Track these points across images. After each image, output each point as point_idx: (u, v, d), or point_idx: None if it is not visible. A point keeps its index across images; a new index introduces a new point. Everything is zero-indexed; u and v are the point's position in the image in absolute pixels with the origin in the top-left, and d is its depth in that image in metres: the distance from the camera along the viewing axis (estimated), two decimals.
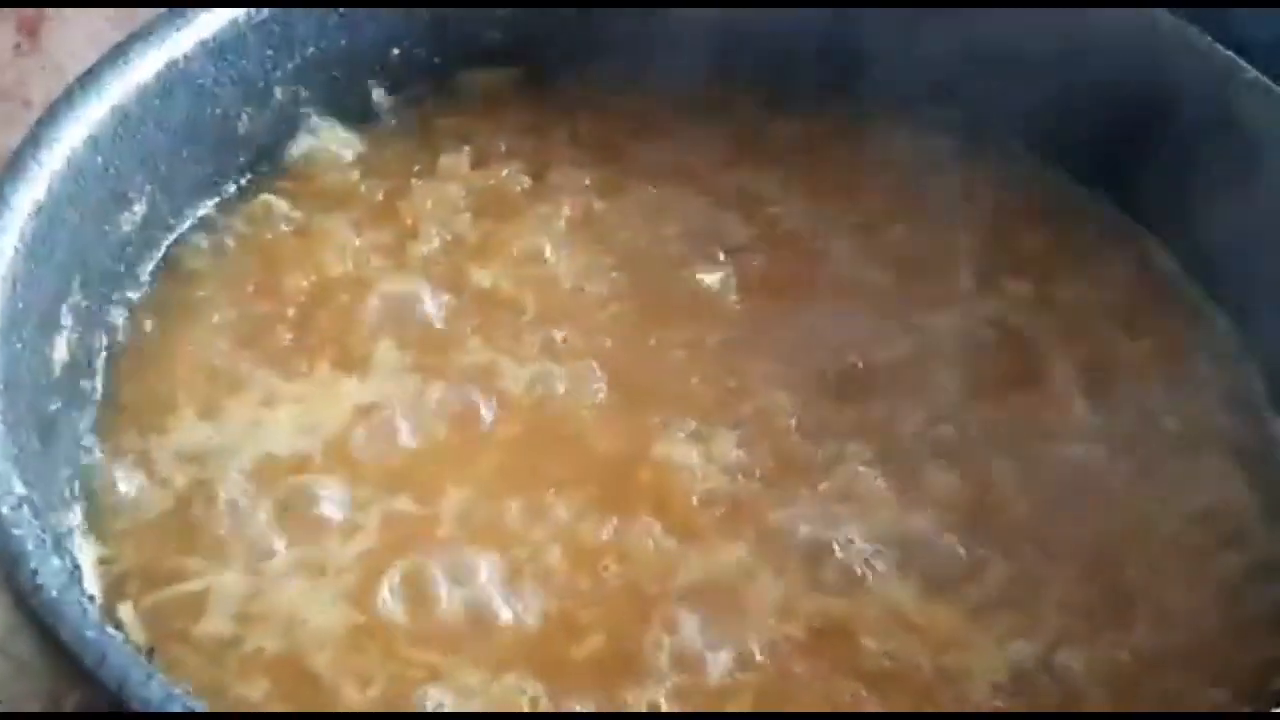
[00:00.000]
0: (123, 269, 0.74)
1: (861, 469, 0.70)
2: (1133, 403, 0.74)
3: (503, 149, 0.84)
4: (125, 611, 0.63)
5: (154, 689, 0.49)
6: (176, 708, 0.48)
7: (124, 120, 0.72)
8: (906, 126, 0.86)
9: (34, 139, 0.68)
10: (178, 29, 0.74)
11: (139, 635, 0.62)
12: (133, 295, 0.75)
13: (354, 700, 0.61)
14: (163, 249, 0.77)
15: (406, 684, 0.62)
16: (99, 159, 0.71)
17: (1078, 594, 0.67)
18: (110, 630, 0.51)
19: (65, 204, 0.68)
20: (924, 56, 0.85)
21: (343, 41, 0.82)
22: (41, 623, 0.50)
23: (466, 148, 0.84)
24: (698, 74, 0.87)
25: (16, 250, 0.64)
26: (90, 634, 0.50)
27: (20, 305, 0.64)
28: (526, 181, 0.83)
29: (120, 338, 0.73)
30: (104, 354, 0.72)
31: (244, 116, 0.80)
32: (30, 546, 0.53)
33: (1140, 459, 0.72)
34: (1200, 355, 0.77)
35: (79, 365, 0.70)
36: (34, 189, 0.66)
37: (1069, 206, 0.84)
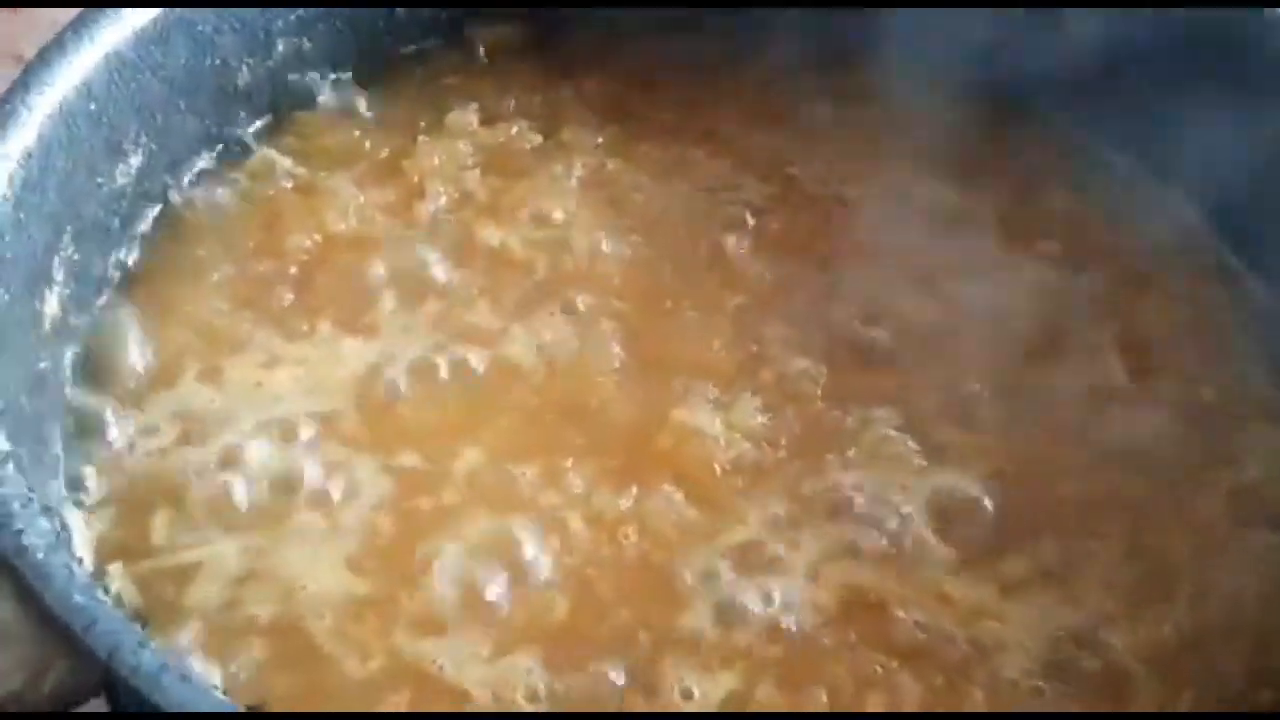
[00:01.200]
0: (118, 223, 0.71)
1: (892, 433, 0.67)
2: (1170, 372, 0.71)
3: (511, 106, 0.81)
4: (116, 576, 0.60)
5: (146, 658, 0.45)
6: (171, 679, 0.45)
7: (119, 67, 0.69)
8: (934, 89, 0.83)
9: (24, 84, 0.65)
10: None
11: (132, 601, 0.58)
12: (129, 250, 0.72)
13: (353, 670, 0.58)
14: (160, 203, 0.74)
15: (408, 656, 0.59)
16: (92, 106, 0.67)
17: (1118, 570, 0.64)
18: (100, 595, 0.47)
19: (56, 152, 0.65)
20: (951, 18, 0.82)
21: None
22: (26, 586, 0.46)
23: (474, 104, 0.81)
24: (713, 31, 0.84)
25: (4, 198, 0.61)
26: (78, 598, 0.46)
27: (9, 255, 0.61)
28: (537, 139, 0.80)
29: (116, 294, 0.70)
30: (98, 310, 0.69)
31: (245, 68, 0.76)
32: (16, 506, 0.49)
33: (1179, 431, 0.69)
34: (1235, 322, 0.74)
35: (71, 321, 0.67)
36: (23, 135, 0.63)
37: (1100, 172, 0.81)
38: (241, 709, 0.47)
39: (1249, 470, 0.68)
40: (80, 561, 0.55)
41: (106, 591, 0.58)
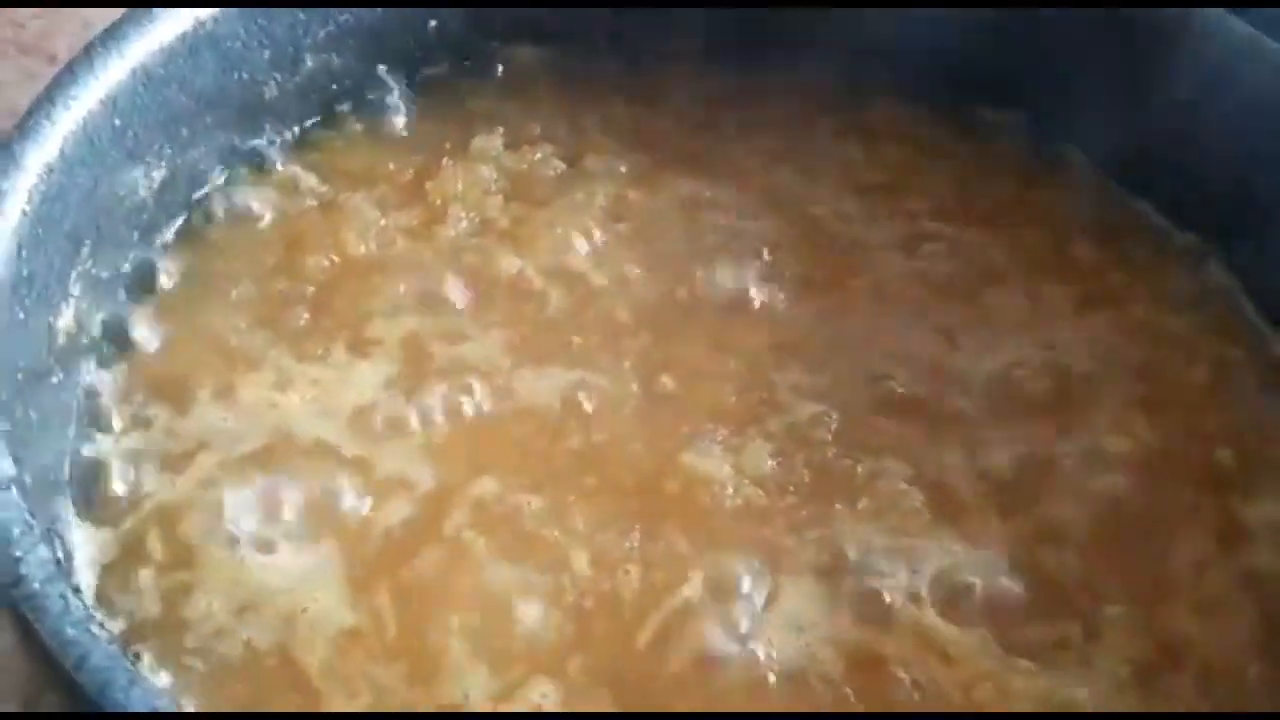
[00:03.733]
0: (137, 237, 0.71)
1: (903, 486, 0.67)
2: (1186, 434, 0.70)
3: (537, 131, 0.81)
4: (119, 598, 0.60)
5: (135, 696, 0.45)
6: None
7: (146, 81, 0.69)
8: (964, 132, 0.83)
9: (50, 98, 0.64)
10: None
11: (135, 615, 0.59)
12: (147, 263, 0.72)
13: (342, 705, 0.58)
14: (181, 217, 0.74)
15: (400, 688, 0.59)
16: (117, 121, 0.67)
17: (1125, 645, 0.63)
18: (94, 629, 0.48)
19: (78, 167, 0.65)
20: (985, 60, 0.81)
21: (378, 11, 0.79)
22: (21, 616, 0.46)
23: (500, 129, 0.80)
24: (744, 65, 0.84)
25: (24, 214, 0.61)
26: (71, 632, 0.46)
27: (25, 272, 0.61)
28: (560, 166, 0.79)
29: (133, 309, 0.70)
30: (114, 324, 0.69)
31: (272, 83, 0.76)
32: (16, 532, 0.49)
33: (1194, 496, 0.68)
34: (1256, 383, 0.72)
35: (86, 337, 0.67)
36: (46, 150, 0.63)
37: (1128, 221, 0.80)
38: None
39: (1262, 553, 0.67)
40: (78, 590, 0.55)
41: (110, 612, 0.58)
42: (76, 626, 0.47)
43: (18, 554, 0.48)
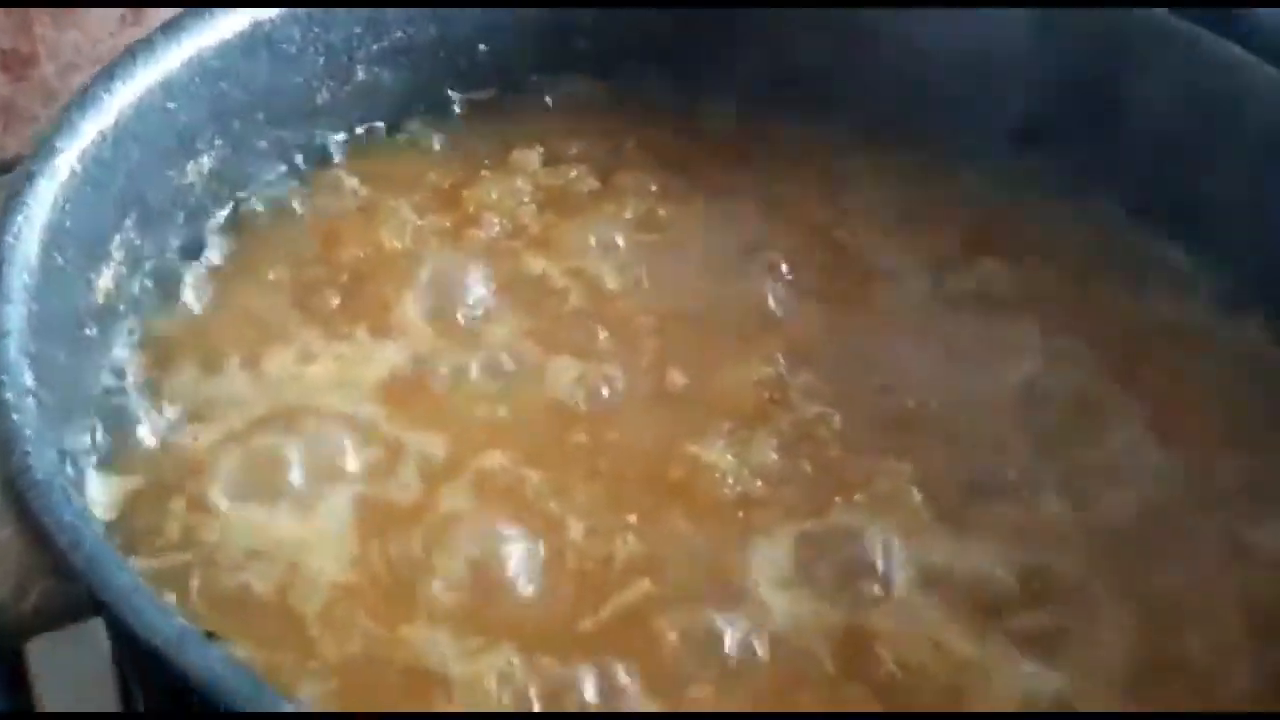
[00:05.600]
0: (183, 218, 0.75)
1: (904, 485, 0.67)
2: (1198, 457, 0.70)
3: (574, 152, 0.84)
4: (123, 538, 0.62)
5: (123, 579, 0.47)
6: (143, 600, 0.47)
7: (202, 72, 0.73)
8: (997, 172, 0.84)
9: (109, 73, 0.69)
10: None
11: (139, 551, 0.61)
12: (190, 243, 0.75)
13: (331, 655, 0.59)
14: (228, 207, 0.78)
15: (395, 646, 0.60)
16: (171, 104, 0.72)
17: (1119, 641, 0.62)
18: (95, 524, 0.49)
19: (129, 140, 0.69)
20: (1017, 100, 0.83)
21: (432, 30, 0.83)
22: (20, 500, 0.49)
23: (539, 147, 0.84)
24: (791, 106, 0.86)
25: (74, 172, 0.65)
26: (68, 517, 0.48)
27: (68, 224, 0.64)
28: (595, 183, 0.82)
29: (172, 283, 0.74)
30: (153, 293, 0.72)
31: (325, 90, 0.80)
32: (29, 432, 0.52)
33: (1202, 518, 0.68)
34: (1266, 405, 0.72)
35: (124, 299, 0.70)
36: (101, 118, 0.67)
37: (1151, 260, 0.81)
38: (204, 631, 0.48)
39: (1262, 569, 0.66)
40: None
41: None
42: (75, 515, 0.49)
43: (28, 449, 0.51)
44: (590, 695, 0.58)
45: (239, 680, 0.43)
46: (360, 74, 0.82)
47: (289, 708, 0.43)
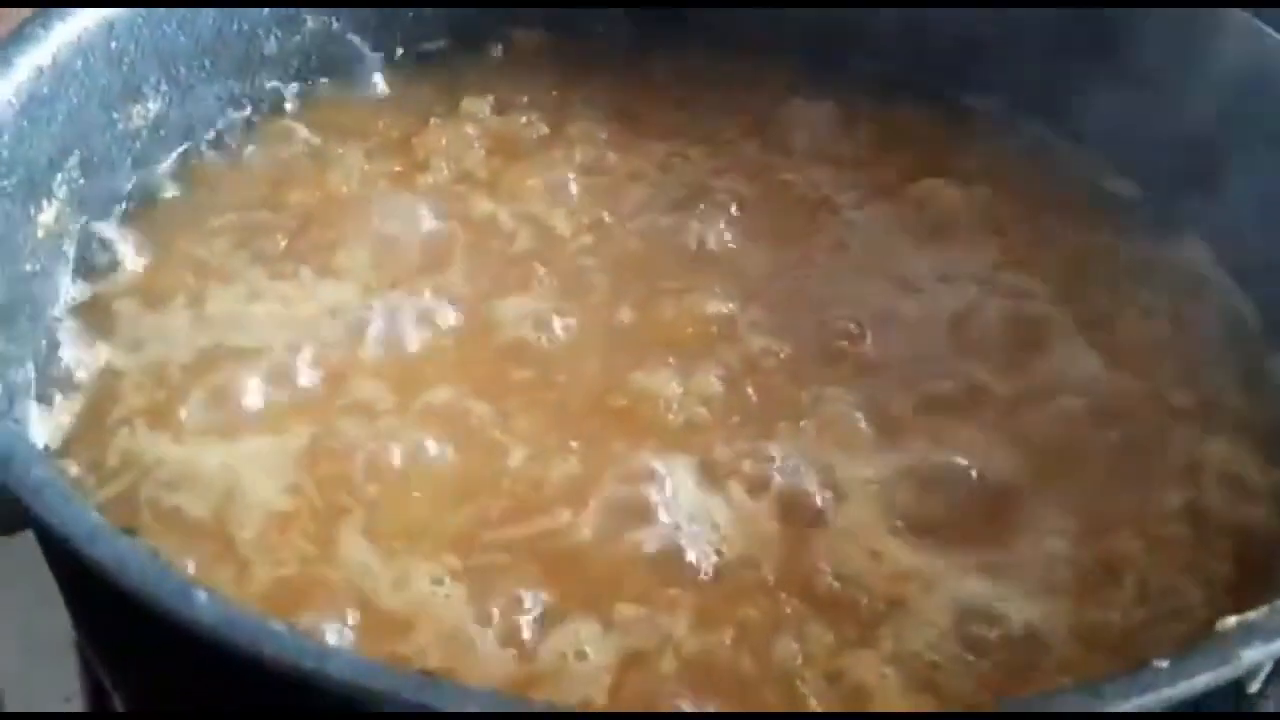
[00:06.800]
0: (130, 162, 0.75)
1: (845, 410, 0.67)
2: (1142, 376, 0.70)
3: (524, 100, 0.84)
4: (65, 462, 0.62)
5: (35, 472, 0.47)
6: (54, 494, 0.47)
7: (146, 15, 0.74)
8: (934, 104, 0.85)
9: (45, 13, 0.69)
10: None
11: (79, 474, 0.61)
12: (136, 187, 0.75)
13: (264, 577, 0.59)
14: (175, 153, 0.78)
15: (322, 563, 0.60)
16: (113, 44, 0.72)
17: (1065, 552, 0.62)
18: (18, 429, 0.49)
19: (69, 77, 0.69)
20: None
21: None
22: None
23: (489, 96, 0.84)
24: (732, 49, 0.87)
25: (9, 104, 0.65)
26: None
27: (5, 154, 0.64)
28: (544, 129, 0.82)
29: (118, 223, 0.74)
30: (97, 233, 0.72)
31: (272, 39, 0.81)
32: None
33: (1145, 433, 0.68)
34: (1220, 339, 0.72)
35: (67, 238, 0.70)
36: (37, 54, 0.67)
37: (1103, 196, 0.81)
38: (118, 528, 0.48)
39: (1213, 485, 0.66)
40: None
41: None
42: (9, 434, 0.49)
43: None
44: (531, 609, 0.58)
45: (150, 566, 0.43)
46: (310, 22, 0.82)
47: (202, 596, 0.42)
